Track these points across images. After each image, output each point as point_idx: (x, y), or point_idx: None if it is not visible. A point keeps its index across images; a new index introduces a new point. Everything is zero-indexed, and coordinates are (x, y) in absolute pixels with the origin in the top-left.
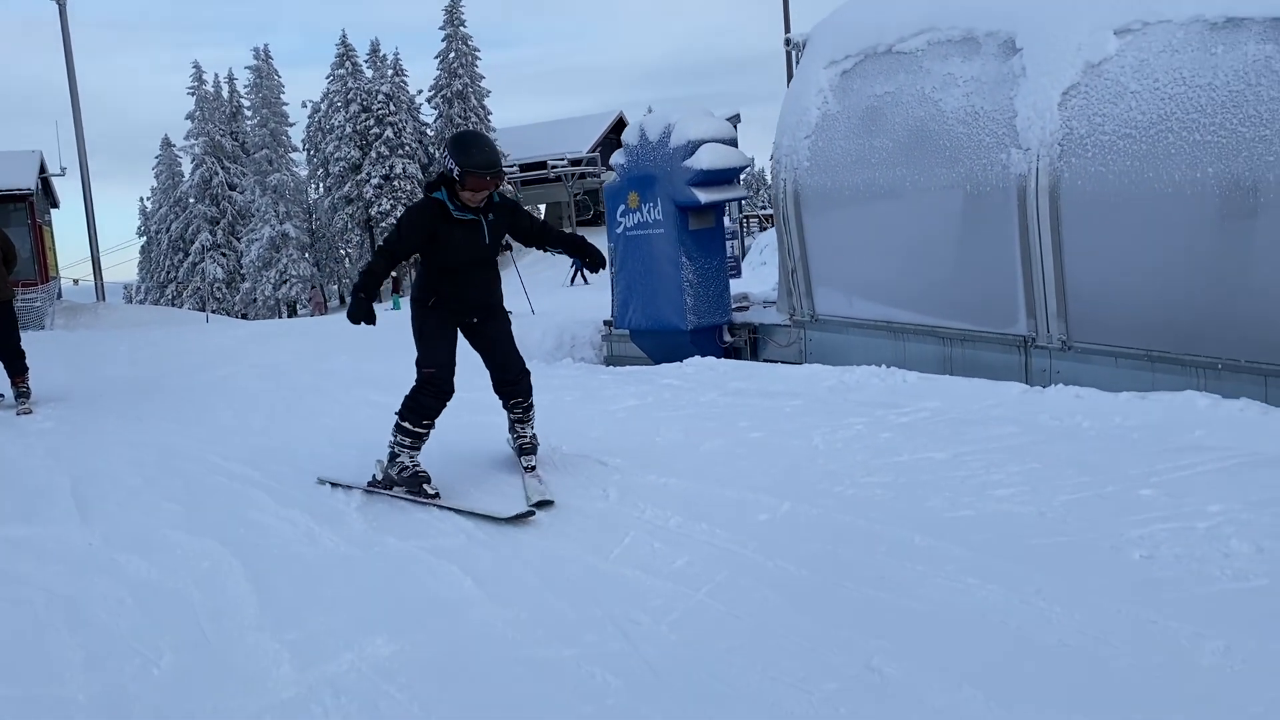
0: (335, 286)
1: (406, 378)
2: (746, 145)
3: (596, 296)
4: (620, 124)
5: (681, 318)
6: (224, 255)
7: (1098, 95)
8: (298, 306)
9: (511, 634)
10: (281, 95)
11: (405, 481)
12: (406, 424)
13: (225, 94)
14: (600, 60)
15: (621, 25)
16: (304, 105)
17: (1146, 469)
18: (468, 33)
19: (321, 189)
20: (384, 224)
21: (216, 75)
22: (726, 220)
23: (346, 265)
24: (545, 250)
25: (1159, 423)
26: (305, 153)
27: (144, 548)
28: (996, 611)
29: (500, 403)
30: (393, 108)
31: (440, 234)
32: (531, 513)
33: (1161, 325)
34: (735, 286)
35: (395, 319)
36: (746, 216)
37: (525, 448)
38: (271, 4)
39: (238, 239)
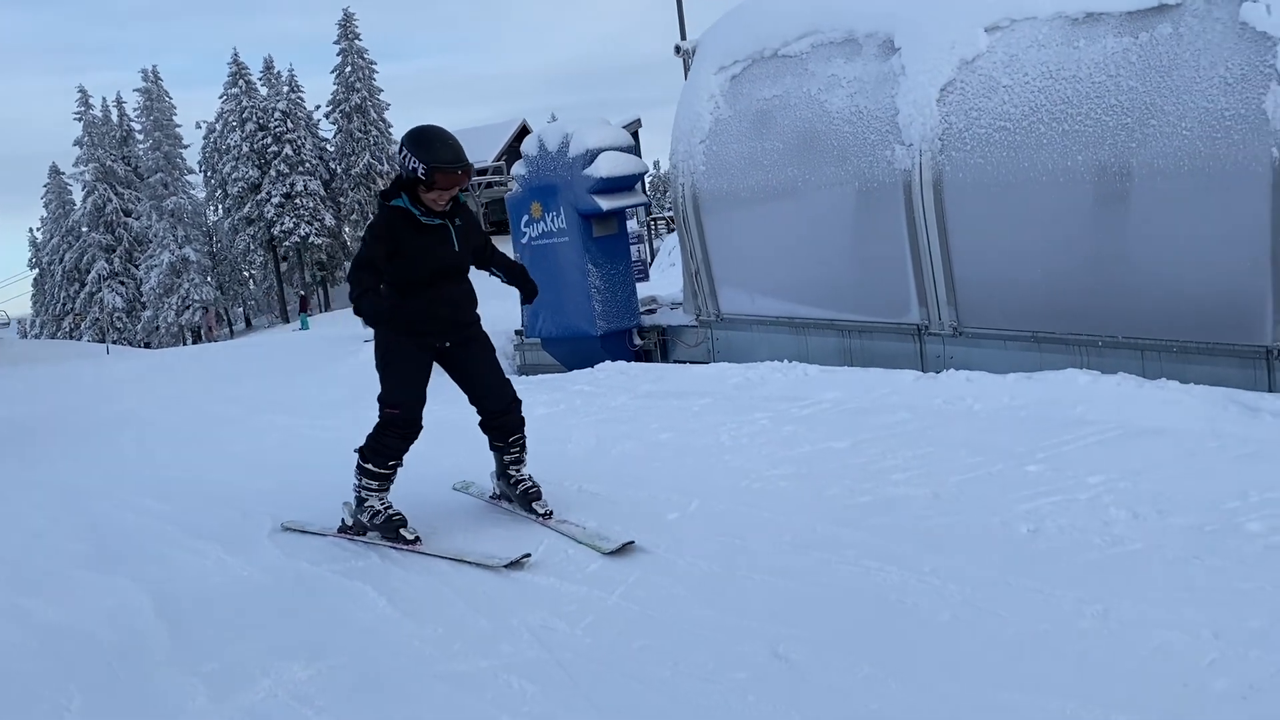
0: (240, 309)
1: (316, 399)
2: (649, 149)
3: (506, 306)
4: (524, 131)
5: (591, 324)
6: (122, 283)
7: (973, 91)
8: (202, 332)
9: (428, 650)
10: (174, 117)
11: (380, 527)
12: (370, 466)
13: (115, 118)
14: (501, 69)
15: (521, 33)
16: (198, 126)
17: (1032, 446)
18: (363, 46)
19: (221, 210)
20: (287, 243)
21: (105, 99)
22: (634, 224)
23: (250, 287)
24: (489, 272)
25: (1044, 401)
26: (202, 174)
27: (50, 590)
28: (894, 591)
29: (489, 441)
30: (290, 125)
31: (405, 244)
32: (528, 555)
33: (1045, 307)
34: (643, 290)
35: (300, 340)
36: (654, 219)
37: (531, 492)
38: (158, 25)
39: (136, 266)
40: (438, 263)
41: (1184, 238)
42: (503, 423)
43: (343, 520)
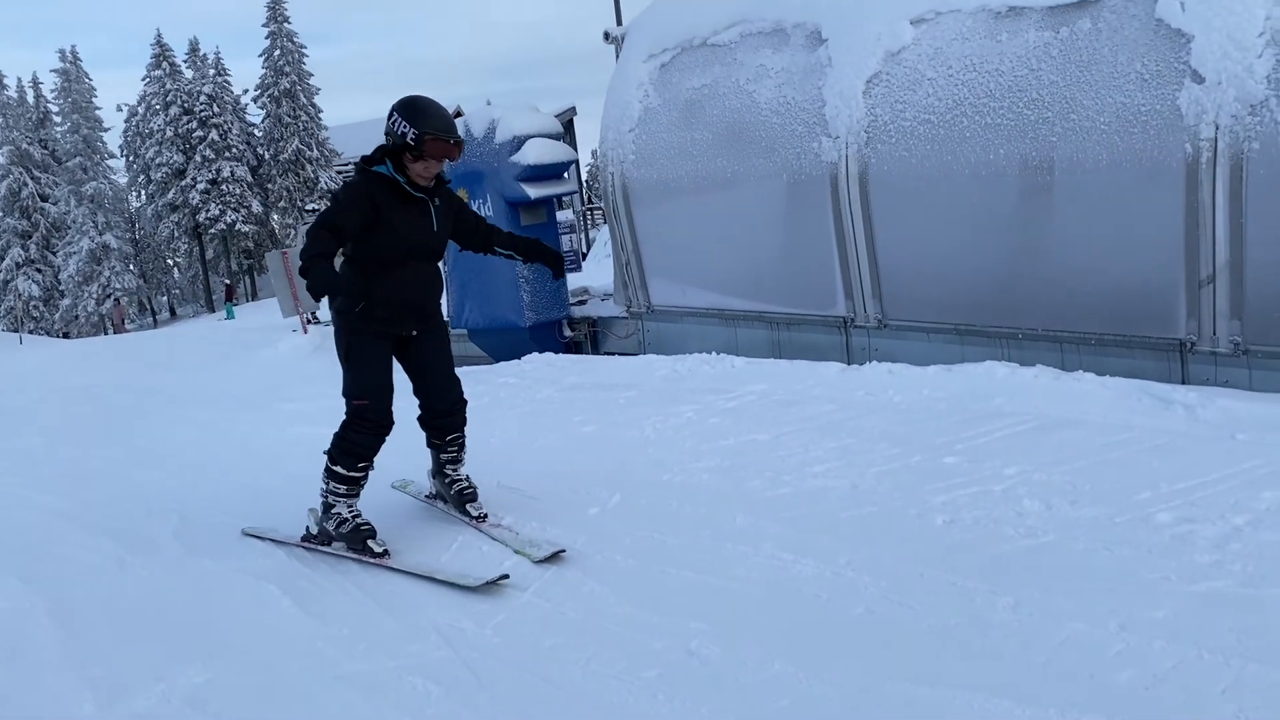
0: (164, 298)
1: (232, 392)
2: (586, 138)
3: None
4: (457, 118)
5: (519, 315)
6: (39, 271)
7: (898, 83)
8: (109, 325)
9: (331, 651)
10: (94, 99)
11: (346, 537)
12: (339, 468)
13: (30, 99)
14: (435, 55)
15: (457, 19)
16: (119, 109)
17: (951, 438)
18: (293, 29)
19: (144, 196)
20: (213, 230)
21: (20, 80)
22: (569, 214)
23: (175, 275)
24: (495, 254)
25: (963, 393)
26: (124, 159)
27: None
28: (809, 585)
29: (426, 437)
30: (216, 109)
31: (384, 215)
32: (505, 576)
33: (968, 300)
34: (576, 280)
35: (224, 330)
36: (590, 209)
37: (467, 494)
38: (77, 3)
39: (53, 253)
40: (415, 241)
41: (1102, 232)
42: (445, 423)
43: (307, 528)
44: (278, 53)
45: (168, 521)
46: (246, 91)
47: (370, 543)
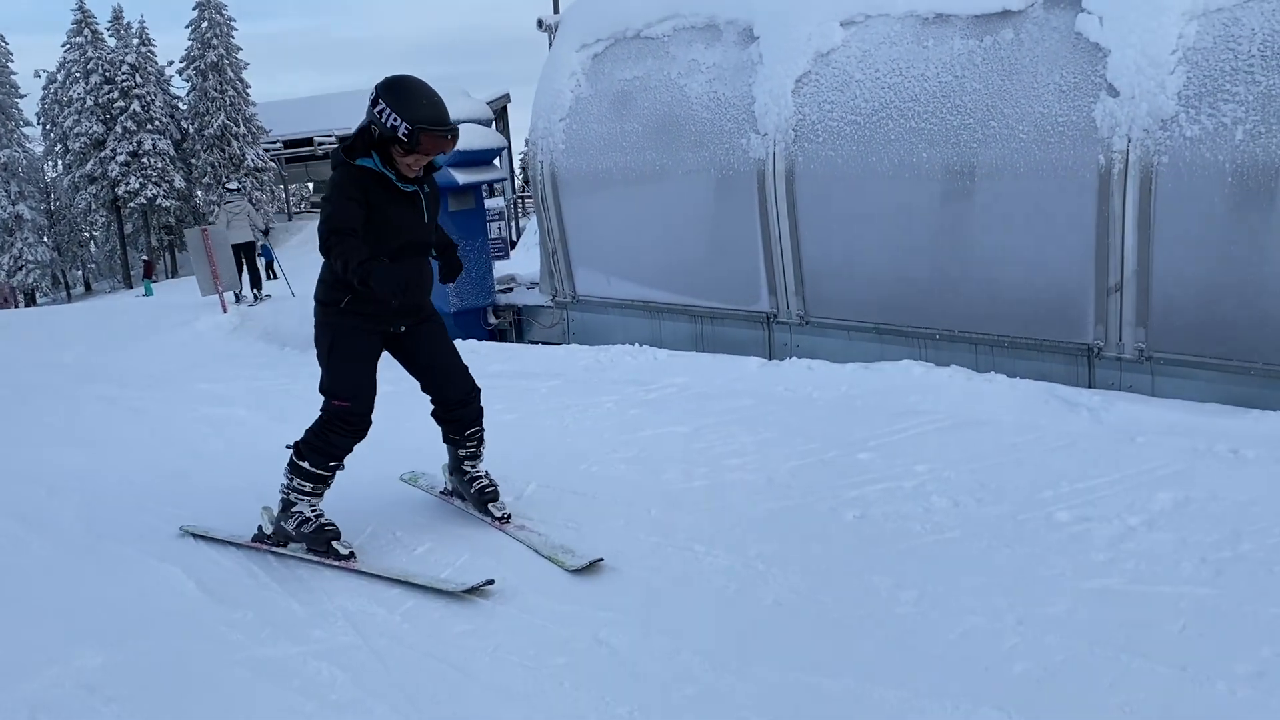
0: (80, 272)
1: (144, 370)
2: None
3: None
4: None
5: (444, 300)
6: None
7: (827, 83)
8: (37, 295)
9: (236, 636)
10: (9, 64)
11: (308, 538)
12: (307, 465)
13: None
14: (369, 34)
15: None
16: (37, 75)
17: (866, 434)
18: (222, 1)
19: (60, 166)
20: (132, 204)
21: None
22: (500, 201)
23: (91, 249)
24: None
25: (879, 390)
26: (40, 127)
27: None
28: (720, 576)
29: (442, 433)
30: (139, 79)
31: (376, 212)
32: (490, 581)
33: (888, 300)
34: (504, 268)
35: (140, 306)
36: (522, 197)
37: (488, 492)
38: None
39: None
40: (408, 235)
41: (1018, 238)
42: (462, 414)
43: (260, 528)
44: (205, 25)
45: (70, 501)
46: (172, 63)
47: (335, 544)
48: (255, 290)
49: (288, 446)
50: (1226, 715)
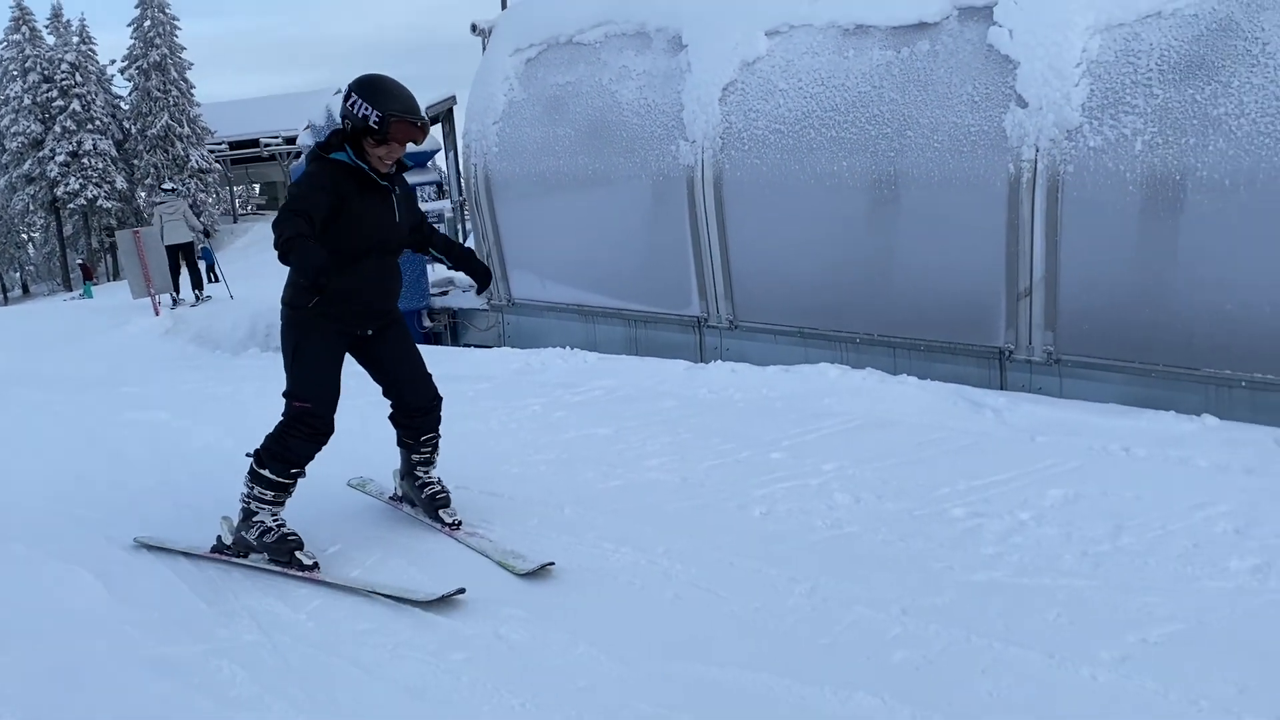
0: (17, 274)
1: (74, 374)
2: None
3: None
4: (335, 95)
5: None
6: None
7: (752, 92)
8: None
9: (138, 635)
10: None
11: (269, 548)
12: (267, 472)
13: None
14: (315, 35)
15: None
16: None
17: (780, 434)
18: (165, 0)
19: None
20: (72, 205)
21: None
22: (445, 205)
23: (30, 251)
24: (428, 256)
25: (797, 393)
26: None
27: None
28: (625, 572)
29: (397, 436)
30: (79, 78)
31: (347, 205)
32: (461, 590)
33: (813, 305)
34: (442, 271)
35: (77, 309)
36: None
37: (440, 498)
38: None
39: None
40: (378, 233)
41: (934, 244)
42: (421, 422)
43: (219, 538)
44: (148, 23)
45: None
46: (114, 62)
47: (299, 554)
48: (196, 291)
49: (248, 454)
50: (1089, 699)
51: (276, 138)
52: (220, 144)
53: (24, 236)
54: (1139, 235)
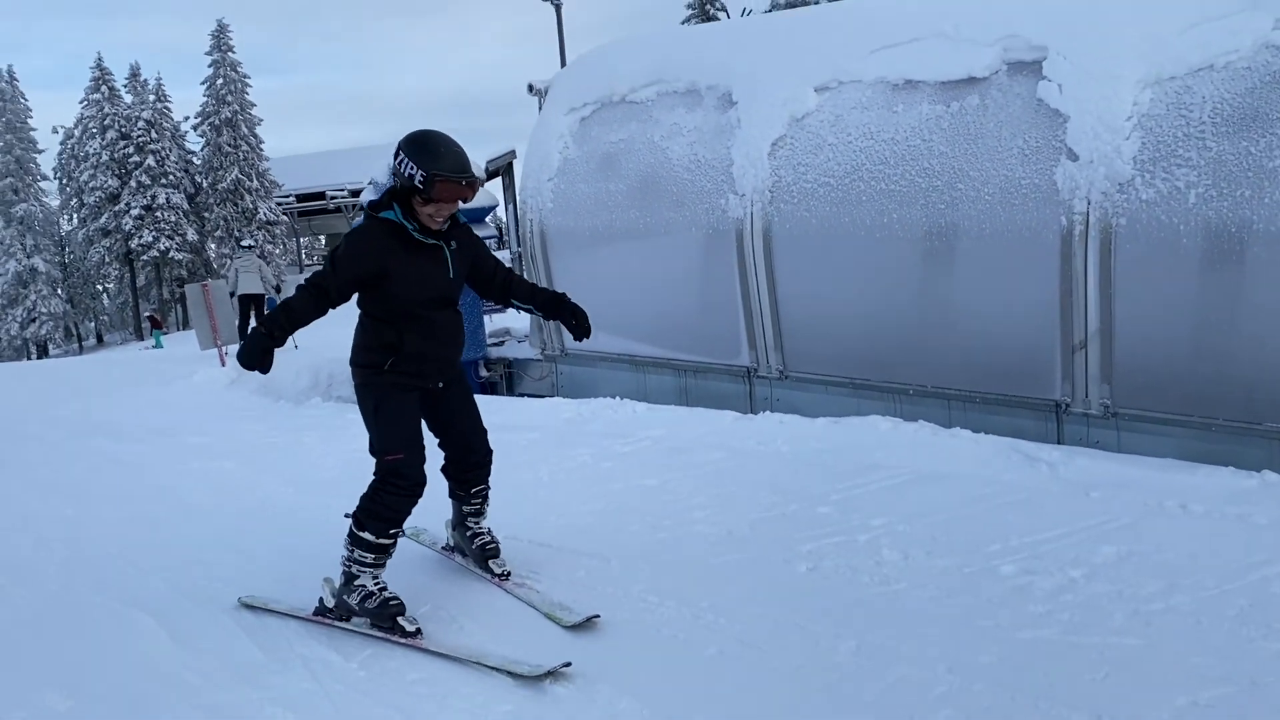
0: (92, 324)
1: (139, 423)
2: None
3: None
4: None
5: None
6: None
7: (801, 146)
8: (49, 346)
9: (197, 681)
10: (29, 120)
11: (371, 613)
12: (367, 534)
13: None
14: (381, 90)
15: (403, 56)
16: (55, 131)
17: (828, 488)
18: (237, 58)
19: (75, 220)
20: (145, 256)
21: None
22: (506, 257)
23: (104, 301)
24: (514, 307)
25: (846, 445)
26: (57, 182)
27: None
28: (669, 626)
29: (449, 488)
30: (155, 135)
31: (395, 266)
32: (568, 664)
33: (863, 355)
34: (499, 321)
35: (146, 359)
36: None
37: (489, 549)
38: (16, 23)
39: None
40: (433, 289)
41: (986, 296)
42: (473, 475)
43: (321, 600)
44: (220, 81)
45: (54, 552)
46: (187, 119)
47: (401, 620)
48: None
49: (346, 516)
50: None
51: (341, 190)
52: (287, 197)
53: (99, 287)
54: (1195, 288)
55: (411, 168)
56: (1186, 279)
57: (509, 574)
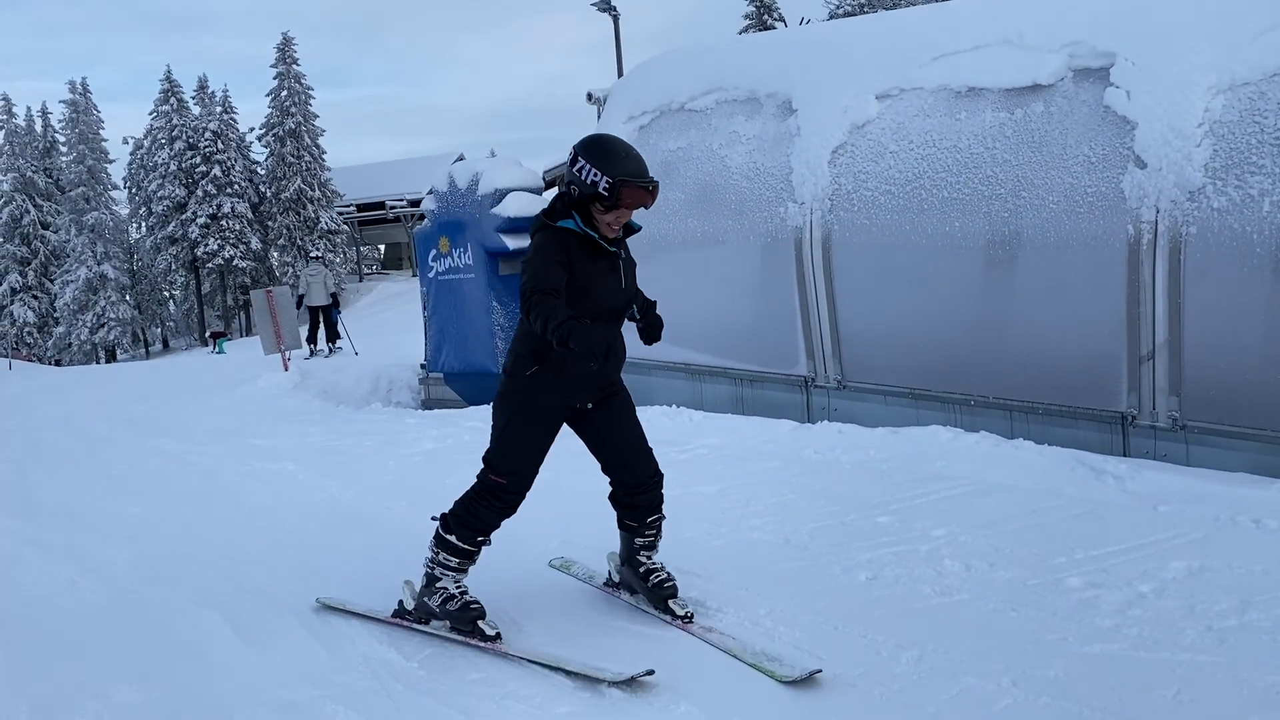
0: (159, 329)
1: (203, 425)
2: None
3: (415, 337)
4: (458, 162)
5: (493, 360)
6: (36, 298)
7: (862, 154)
8: (117, 351)
9: (261, 678)
10: (101, 131)
11: (452, 615)
12: (453, 538)
13: (38, 128)
14: (440, 101)
15: (462, 68)
16: (125, 142)
17: (887, 498)
18: (301, 71)
19: (144, 228)
20: (210, 264)
21: (29, 109)
22: None
23: (170, 308)
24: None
25: (906, 455)
26: (126, 191)
27: None
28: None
29: (617, 518)
30: (221, 145)
31: (578, 275)
32: (650, 671)
33: (924, 365)
34: None
35: (210, 363)
36: None
37: (667, 587)
38: (90, 38)
39: (51, 280)
40: (606, 300)
41: (1050, 305)
42: (643, 500)
43: (400, 603)
44: (285, 93)
45: (123, 548)
46: (252, 130)
47: (481, 624)
48: (330, 344)
49: (434, 518)
50: None
51: (401, 200)
52: (348, 206)
53: (166, 294)
54: (1268, 298)
55: (595, 174)
56: (1259, 289)
57: (691, 615)
